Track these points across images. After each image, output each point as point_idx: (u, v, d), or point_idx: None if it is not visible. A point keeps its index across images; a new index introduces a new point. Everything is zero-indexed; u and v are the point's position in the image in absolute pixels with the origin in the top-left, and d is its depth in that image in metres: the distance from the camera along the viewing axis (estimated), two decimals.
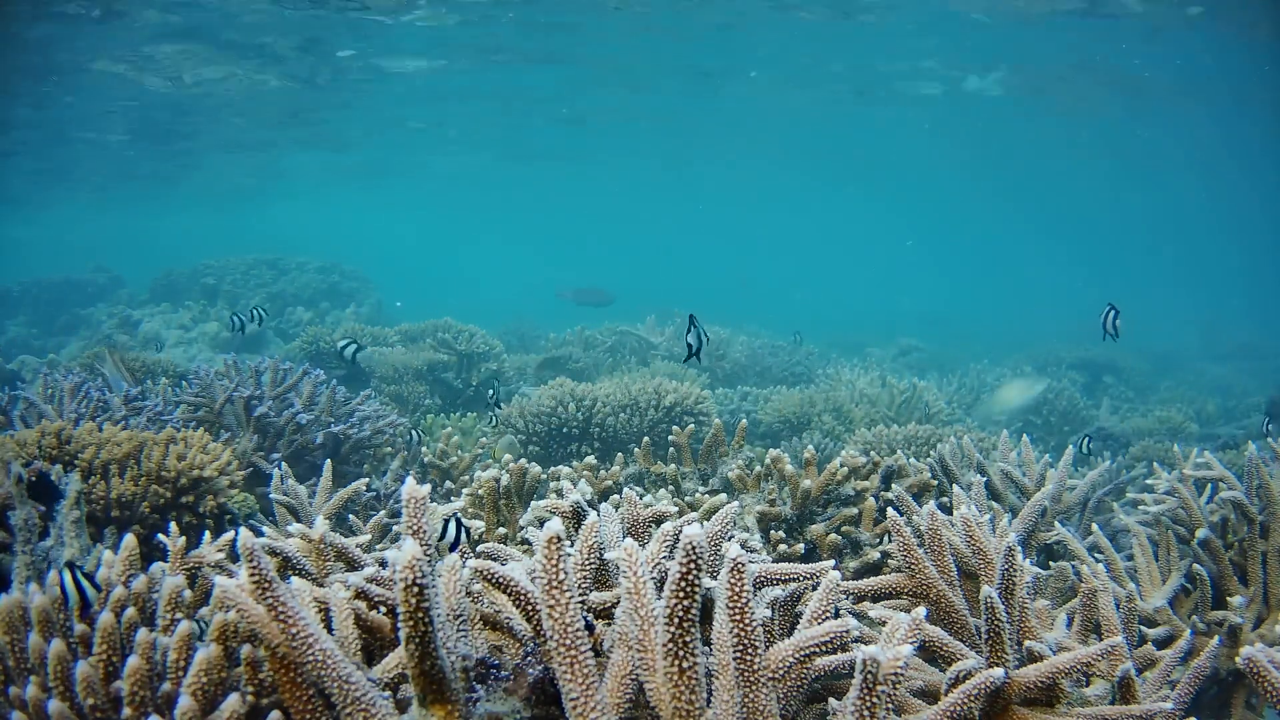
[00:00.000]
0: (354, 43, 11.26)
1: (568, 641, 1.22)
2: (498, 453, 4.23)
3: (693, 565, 1.13)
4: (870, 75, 13.39)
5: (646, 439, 3.44)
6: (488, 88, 13.79)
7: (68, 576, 1.59)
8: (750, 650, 1.22)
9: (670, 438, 3.44)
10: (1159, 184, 24.11)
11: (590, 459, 3.22)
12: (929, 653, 1.76)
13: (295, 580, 1.52)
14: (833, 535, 2.67)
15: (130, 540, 1.76)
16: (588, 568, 1.60)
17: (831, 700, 1.42)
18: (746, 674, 1.23)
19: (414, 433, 4.56)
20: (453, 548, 1.86)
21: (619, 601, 1.43)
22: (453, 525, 1.86)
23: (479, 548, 1.86)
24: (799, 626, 1.46)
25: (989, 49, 11.84)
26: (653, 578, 1.34)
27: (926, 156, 20.43)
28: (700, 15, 10.52)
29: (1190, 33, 10.36)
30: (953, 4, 9.95)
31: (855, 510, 2.72)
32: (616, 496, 2.82)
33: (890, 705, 1.19)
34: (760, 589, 1.69)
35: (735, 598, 1.20)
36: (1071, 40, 11.16)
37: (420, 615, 1.11)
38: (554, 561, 1.22)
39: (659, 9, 10.23)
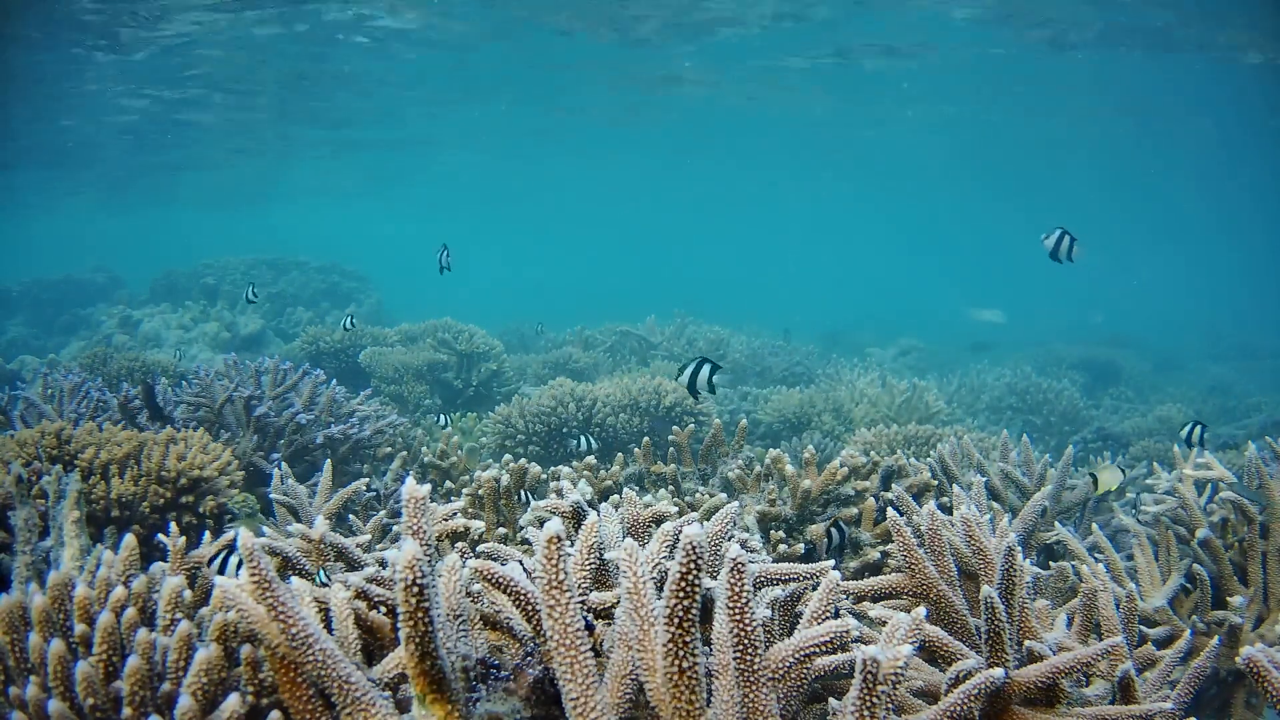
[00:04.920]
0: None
1: (568, 641, 1.22)
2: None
3: (693, 565, 1.13)
4: (860, 77, 13.38)
5: (647, 439, 3.43)
6: (487, 78, 13.73)
7: (233, 560, 1.61)
8: (750, 650, 1.22)
9: (670, 438, 3.44)
10: (1159, 184, 24.09)
11: (590, 459, 3.22)
12: (929, 653, 1.76)
13: (295, 580, 1.52)
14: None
15: (130, 540, 1.76)
16: (588, 568, 1.60)
17: (831, 700, 1.42)
18: (746, 674, 1.23)
19: (406, 423, 4.54)
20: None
21: (619, 601, 1.43)
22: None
23: (479, 548, 1.85)
24: (799, 626, 1.46)
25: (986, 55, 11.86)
26: (653, 578, 1.34)
27: (924, 155, 20.42)
28: (701, 26, 10.60)
29: (1190, 54, 10.42)
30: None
31: (855, 510, 2.72)
32: (616, 496, 2.82)
33: (890, 705, 1.19)
34: (760, 589, 1.69)
35: (735, 598, 1.19)
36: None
37: (420, 615, 1.11)
38: (554, 561, 1.22)
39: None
